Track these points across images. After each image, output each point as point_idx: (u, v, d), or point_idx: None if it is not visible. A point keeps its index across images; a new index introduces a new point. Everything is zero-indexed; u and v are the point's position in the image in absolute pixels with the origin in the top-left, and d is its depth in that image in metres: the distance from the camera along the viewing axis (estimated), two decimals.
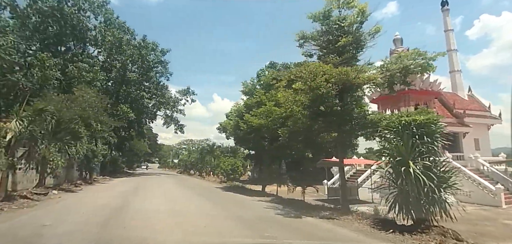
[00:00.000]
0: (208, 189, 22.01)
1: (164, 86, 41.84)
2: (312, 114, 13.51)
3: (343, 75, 11.40)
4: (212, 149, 39.31)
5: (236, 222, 9.22)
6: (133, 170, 59.80)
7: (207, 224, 8.54)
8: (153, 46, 38.22)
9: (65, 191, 15.88)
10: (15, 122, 11.14)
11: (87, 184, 21.36)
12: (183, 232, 7.58)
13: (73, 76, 28.72)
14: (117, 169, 40.27)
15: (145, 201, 13.56)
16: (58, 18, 30.42)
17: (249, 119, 18.33)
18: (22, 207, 10.28)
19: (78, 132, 16.03)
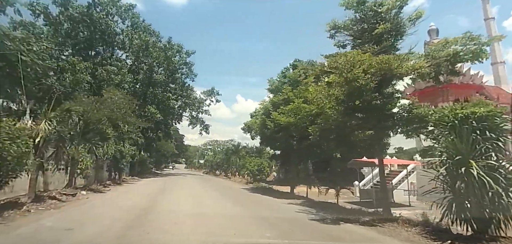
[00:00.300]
0: (235, 190, 21.36)
1: (189, 87, 42.08)
2: (346, 110, 12.35)
3: (385, 65, 10.16)
4: (237, 149, 38.82)
5: (268, 228, 8.34)
6: (161, 170, 60.97)
7: (237, 231, 7.76)
8: (178, 48, 38.48)
9: (93, 191, 15.86)
10: (44, 123, 11.03)
11: (116, 185, 21.51)
12: (212, 240, 6.85)
13: (102, 79, 29.38)
14: (145, 169, 41.00)
15: (171, 203, 13.09)
16: (88, 23, 31.30)
17: (276, 118, 17.42)
18: (49, 209, 10.10)
19: (106, 133, 15.98)
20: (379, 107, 11.87)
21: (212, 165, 50.32)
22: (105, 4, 32.42)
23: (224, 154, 43.35)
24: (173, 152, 65.50)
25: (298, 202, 15.01)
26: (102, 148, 15.88)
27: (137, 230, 7.45)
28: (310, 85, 17.55)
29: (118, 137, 20.76)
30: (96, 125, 15.81)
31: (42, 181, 14.78)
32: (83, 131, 15.49)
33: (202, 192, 18.56)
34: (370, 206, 15.34)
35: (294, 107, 16.85)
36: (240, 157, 37.46)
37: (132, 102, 26.09)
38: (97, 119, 16.05)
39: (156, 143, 44.16)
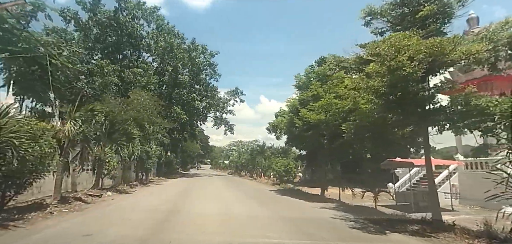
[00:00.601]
0: (261, 192, 20.41)
1: (214, 87, 41.83)
2: (387, 103, 10.97)
3: (436, 49, 8.74)
4: (262, 149, 37.91)
5: (305, 238, 7.30)
6: (187, 171, 61.54)
7: (270, 239, 6.80)
8: (202, 49, 38.36)
9: (119, 192, 15.62)
10: (69, 123, 10.75)
11: (142, 185, 21.38)
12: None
13: (129, 81, 29.75)
14: (172, 170, 41.30)
15: (196, 206, 12.40)
16: (115, 27, 31.90)
17: (305, 115, 16.24)
18: (72, 210, 9.73)
19: (131, 133, 15.69)
20: (425, 99, 10.43)
21: (237, 165, 49.81)
22: (131, 8, 32.91)
23: (249, 155, 42.61)
24: (198, 152, 66.00)
25: (331, 205, 13.76)
26: (127, 148, 15.59)
27: (160, 236, 6.74)
28: (342, 80, 16.27)
29: (144, 137, 20.60)
30: (121, 125, 15.56)
31: (70, 182, 14.77)
32: (109, 131, 15.31)
33: (228, 194, 17.80)
34: (407, 210, 13.85)
35: (325, 103, 15.61)
36: (265, 158, 36.54)
37: (157, 103, 26.13)
38: (123, 119, 15.81)
39: (182, 143, 44.39)
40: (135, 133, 16.26)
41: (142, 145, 20.30)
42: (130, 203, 12.75)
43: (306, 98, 17.60)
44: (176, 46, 34.49)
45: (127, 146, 15.56)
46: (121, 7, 32.62)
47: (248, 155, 45.08)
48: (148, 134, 21.21)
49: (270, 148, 38.04)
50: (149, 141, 21.87)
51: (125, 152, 15.36)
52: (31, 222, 7.82)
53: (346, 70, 12.98)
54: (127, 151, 15.56)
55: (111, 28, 32.00)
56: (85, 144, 11.69)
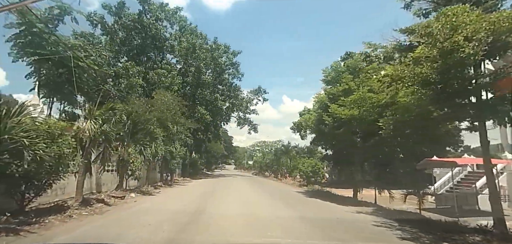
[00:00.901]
0: (289, 193, 19.27)
1: (237, 87, 41.19)
2: (436, 94, 9.50)
3: (503, 26, 7.24)
4: (287, 149, 36.68)
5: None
6: (212, 171, 61.62)
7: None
8: (224, 49, 37.82)
9: (143, 193, 15.20)
10: (89, 122, 10.34)
11: (167, 186, 21.01)
12: None
13: (153, 83, 29.81)
14: (197, 170, 41.20)
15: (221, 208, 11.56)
16: (140, 29, 32.18)
17: (335, 111, 14.92)
18: (92, 213, 9.23)
19: (154, 132, 15.23)
20: (483, 87, 8.89)
21: (261, 166, 48.92)
22: (154, 10, 33.07)
23: (274, 155, 41.52)
24: (222, 153, 65.88)
25: (367, 209, 12.38)
26: (150, 148, 15.14)
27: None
28: (377, 71, 14.76)
29: (167, 137, 20.24)
30: (144, 125, 15.13)
31: (94, 183, 14.55)
32: (132, 131, 14.93)
33: (254, 196, 16.88)
34: (450, 214, 12.30)
35: (358, 97, 14.23)
36: (290, 158, 35.33)
37: (181, 103, 25.83)
38: (146, 119, 15.40)
39: (206, 144, 44.22)
40: (158, 132, 15.78)
41: (166, 145, 19.91)
42: (153, 205, 12.18)
43: (336, 93, 16.26)
44: (198, 46, 34.21)
45: (150, 146, 15.09)
46: (144, 9, 32.90)
47: (272, 155, 44.05)
48: (171, 134, 20.82)
49: (295, 148, 36.75)
50: (173, 141, 21.49)
51: (148, 152, 14.88)
52: (46, 227, 7.31)
53: (386, 59, 11.56)
54: (150, 151, 15.08)
55: (136, 31, 32.33)
56: (106, 143, 11.25)
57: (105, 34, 32.40)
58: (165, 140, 19.73)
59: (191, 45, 33.72)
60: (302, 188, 23.88)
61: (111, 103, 11.41)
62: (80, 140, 10.78)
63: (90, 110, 10.45)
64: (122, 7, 32.04)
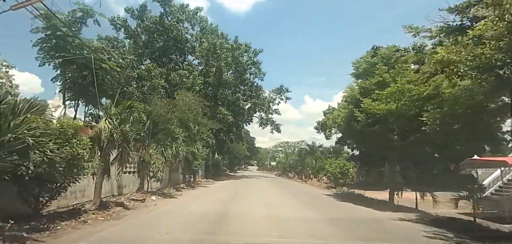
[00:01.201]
0: (317, 197, 17.91)
1: (259, 87, 40.20)
2: (499, 80, 7.95)
3: None
4: (312, 149, 35.11)
5: None
6: (234, 172, 61.11)
7: None
8: (245, 48, 36.96)
9: (164, 196, 14.56)
10: (104, 121, 9.76)
11: (190, 188, 20.39)
12: None
13: (175, 84, 29.56)
14: (219, 171, 40.69)
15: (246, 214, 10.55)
16: (161, 31, 32.13)
17: (369, 106, 13.45)
18: (108, 218, 8.55)
19: (174, 132, 14.56)
20: None
21: (285, 167, 47.57)
22: (175, 11, 32.92)
23: (297, 155, 40.04)
24: (245, 154, 65.21)
25: (411, 216, 10.84)
26: (171, 148, 14.47)
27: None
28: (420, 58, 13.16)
29: (189, 137, 19.64)
30: (165, 125, 14.51)
31: (115, 185, 14.11)
32: (153, 132, 14.36)
33: (280, 199, 15.75)
34: (500, 220, 11.02)
35: (395, 90, 12.68)
36: (315, 158, 33.78)
37: (202, 103, 25.28)
38: (166, 119, 14.78)
39: (229, 145, 43.64)
40: (179, 132, 15.11)
41: (188, 146, 19.30)
42: (174, 208, 11.42)
43: (368, 86, 14.76)
44: (219, 46, 33.62)
45: (171, 147, 14.43)
46: (166, 11, 32.85)
47: (296, 156, 42.60)
48: (193, 134, 20.20)
49: (319, 148, 35.14)
50: (194, 142, 20.87)
51: (169, 152, 14.23)
52: (57, 234, 6.67)
53: (435, 45, 10.12)
54: (171, 151, 14.42)
55: (158, 33, 32.32)
56: (124, 144, 10.64)
57: (128, 37, 32.71)
58: (186, 140, 19.13)
59: (212, 46, 33.20)
60: (330, 190, 22.38)
61: (128, 101, 10.75)
62: (98, 141, 10.25)
63: (106, 109, 9.85)
64: (144, 10, 32.20)
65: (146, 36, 32.86)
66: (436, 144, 12.67)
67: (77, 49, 20.11)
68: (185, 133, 18.19)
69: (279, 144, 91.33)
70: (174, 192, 16.64)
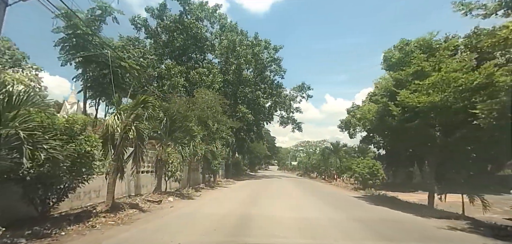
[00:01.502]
0: (345, 199, 16.47)
1: (279, 84, 38.91)
2: None
3: None
4: (336, 148, 33.33)
5: None
6: (255, 172, 60.19)
7: None
8: (265, 44, 35.80)
9: (182, 197, 13.77)
10: (113, 117, 9.04)
11: (209, 188, 19.58)
12: None
13: (195, 82, 29.01)
14: (240, 171, 39.86)
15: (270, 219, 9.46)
16: (181, 30, 31.72)
17: (406, 99, 11.86)
18: (119, 223, 7.76)
19: (192, 130, 13.73)
20: None
21: (307, 166, 45.93)
22: (195, 9, 32.42)
23: (320, 155, 38.34)
24: (265, 153, 64.09)
25: (462, 224, 9.24)
26: (188, 147, 13.65)
27: None
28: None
29: (208, 136, 18.84)
30: (182, 122, 13.72)
31: (133, 185, 13.50)
32: (170, 129, 13.60)
33: (305, 202, 14.50)
34: None
35: (439, 79, 11.05)
36: (340, 158, 32.03)
37: (222, 101, 24.50)
38: (184, 116, 13.99)
39: (249, 144, 42.73)
40: (197, 130, 14.27)
41: (207, 145, 18.50)
42: (191, 212, 10.53)
43: (404, 77, 13.15)
44: (238, 43, 32.73)
45: (189, 145, 13.60)
46: (185, 10, 32.42)
47: (318, 155, 40.90)
48: (212, 132, 19.38)
49: (344, 147, 33.32)
50: (214, 140, 20.04)
51: (187, 151, 13.40)
52: (58, 242, 5.90)
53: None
54: (189, 150, 13.59)
55: (178, 32, 31.97)
56: (138, 141, 9.88)
57: (149, 37, 32.65)
58: (206, 138, 18.34)
59: (231, 43, 32.39)
60: (357, 192, 20.74)
61: (143, 96, 9.98)
62: (111, 138, 9.57)
63: (116, 102, 9.12)
64: (164, 9, 31.94)
65: (166, 36, 32.64)
66: (486, 140, 10.90)
67: (97, 48, 19.97)
68: (204, 131, 17.40)
69: (300, 143, 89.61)
70: (193, 193, 15.85)
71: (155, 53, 30.89)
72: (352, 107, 45.18)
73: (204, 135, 17.45)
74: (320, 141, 78.51)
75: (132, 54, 23.36)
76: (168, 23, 31.67)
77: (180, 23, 31.53)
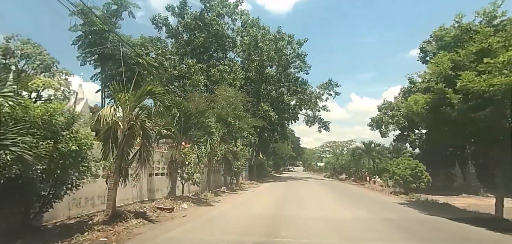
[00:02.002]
0: (390, 207, 13.96)
1: (304, 81, 36.54)
2: None
3: None
4: (368, 148, 30.39)
5: None
6: (280, 173, 58.05)
7: None
8: (289, 39, 33.56)
9: (198, 202, 12.17)
10: (110, 107, 7.58)
11: (231, 192, 17.89)
12: None
13: (216, 80, 27.59)
14: (264, 172, 38.00)
15: (304, 229, 7.51)
16: (202, 27, 30.55)
17: (470, 84, 9.33)
18: (113, 239, 6.19)
19: (209, 126, 12.08)
20: None
21: (335, 168, 43.01)
22: (215, 6, 31.10)
23: (351, 155, 35.41)
24: (290, 154, 61.75)
25: None
26: (205, 146, 11.99)
27: None
28: None
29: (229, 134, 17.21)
30: (198, 118, 12.11)
31: (145, 189, 12.11)
32: (185, 127, 12.05)
33: (342, 210, 12.31)
34: None
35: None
36: (373, 158, 29.14)
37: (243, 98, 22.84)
38: (200, 111, 12.39)
39: (273, 144, 40.76)
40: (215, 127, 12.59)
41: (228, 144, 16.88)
42: (205, 223, 8.83)
43: (463, 58, 10.57)
44: (260, 38, 30.86)
45: (205, 144, 11.94)
46: (206, 7, 31.23)
47: (348, 156, 37.97)
48: (233, 130, 17.70)
49: (378, 146, 30.36)
50: (234, 139, 18.35)
51: (203, 150, 11.74)
52: None
53: None
54: (205, 149, 11.93)
55: (199, 30, 30.83)
56: (144, 139, 8.36)
57: (170, 36, 31.85)
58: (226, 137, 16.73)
59: (253, 38, 30.61)
60: (399, 196, 18.00)
61: (149, 86, 8.46)
62: (114, 136, 8.12)
63: (114, 91, 7.66)
64: (184, 7, 30.94)
65: (187, 35, 31.67)
66: None
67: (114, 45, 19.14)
68: (224, 129, 15.78)
69: (326, 144, 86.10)
70: (212, 198, 14.21)
71: (177, 52, 29.94)
72: (383, 104, 41.82)
73: (224, 133, 15.82)
74: (347, 141, 74.72)
75: (151, 50, 22.38)
76: (189, 21, 30.61)
77: (201, 20, 30.33)
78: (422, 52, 28.73)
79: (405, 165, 18.22)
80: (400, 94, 37.98)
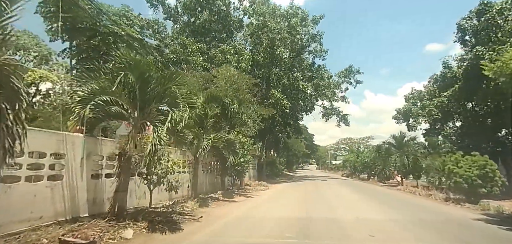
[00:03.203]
0: (477, 231, 8.55)
1: (320, 67, 31.03)
2: None
3: None
4: (400, 143, 24.58)
5: None
6: (293, 172, 52.64)
7: None
8: (302, 15, 28.04)
9: (161, 225, 7.18)
10: None
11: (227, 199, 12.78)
12: None
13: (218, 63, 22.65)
14: (276, 171, 32.80)
15: None
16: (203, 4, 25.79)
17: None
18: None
19: (175, 97, 7.02)
20: None
21: (355, 166, 37.24)
22: None
23: (376, 152, 29.65)
24: (303, 151, 56.21)
25: None
26: (171, 125, 6.80)
27: None
28: None
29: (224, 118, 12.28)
30: (164, 85, 7.19)
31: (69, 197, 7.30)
32: (142, 98, 7.14)
33: (401, 233, 7.09)
34: None
35: None
36: (406, 155, 23.44)
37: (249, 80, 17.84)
38: (164, 76, 7.46)
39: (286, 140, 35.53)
40: (188, 99, 7.36)
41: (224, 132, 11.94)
42: None
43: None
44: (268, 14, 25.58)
45: (171, 123, 6.75)
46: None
47: (371, 153, 32.18)
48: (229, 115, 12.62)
49: (413, 140, 24.63)
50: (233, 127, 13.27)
51: (163, 133, 6.59)
52: None
53: None
54: (162, 129, 6.75)
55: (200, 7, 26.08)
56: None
57: (168, 17, 27.29)
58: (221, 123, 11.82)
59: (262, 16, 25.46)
60: (462, 207, 12.40)
61: None
62: None
63: None
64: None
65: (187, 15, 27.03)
66: None
67: (84, 12, 14.70)
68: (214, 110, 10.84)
69: (341, 141, 79.88)
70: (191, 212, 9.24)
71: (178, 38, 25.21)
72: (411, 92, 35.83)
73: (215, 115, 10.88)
74: (364, 138, 68.34)
75: (136, 23, 17.73)
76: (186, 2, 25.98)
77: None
78: (460, 31, 23.22)
79: (469, 162, 12.64)
80: (430, 83, 32.05)
